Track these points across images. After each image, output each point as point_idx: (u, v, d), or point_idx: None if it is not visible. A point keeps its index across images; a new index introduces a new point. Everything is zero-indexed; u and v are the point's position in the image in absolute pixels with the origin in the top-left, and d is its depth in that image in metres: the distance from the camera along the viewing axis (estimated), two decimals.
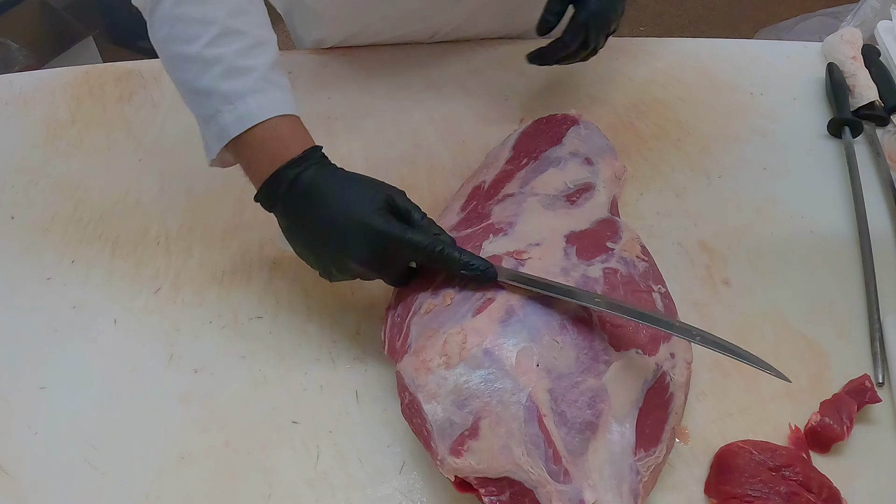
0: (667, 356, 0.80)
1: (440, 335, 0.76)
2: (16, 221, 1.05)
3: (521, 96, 1.24)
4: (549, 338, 0.75)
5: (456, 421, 0.72)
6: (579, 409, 0.73)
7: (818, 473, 0.79)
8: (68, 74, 1.28)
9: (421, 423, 0.75)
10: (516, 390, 0.72)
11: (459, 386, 0.72)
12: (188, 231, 1.04)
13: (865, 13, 1.61)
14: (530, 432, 0.71)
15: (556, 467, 0.71)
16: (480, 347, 0.73)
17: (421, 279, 0.85)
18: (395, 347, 0.82)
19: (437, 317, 0.79)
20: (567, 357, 0.75)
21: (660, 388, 0.78)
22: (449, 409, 0.72)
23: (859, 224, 1.06)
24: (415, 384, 0.74)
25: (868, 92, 1.22)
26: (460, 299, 0.79)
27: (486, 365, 0.73)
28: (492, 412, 0.71)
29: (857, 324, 0.96)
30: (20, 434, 0.85)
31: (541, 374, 0.73)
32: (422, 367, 0.74)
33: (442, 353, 0.74)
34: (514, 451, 0.70)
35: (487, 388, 0.72)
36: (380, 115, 1.21)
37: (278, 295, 0.97)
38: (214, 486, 0.81)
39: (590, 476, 0.72)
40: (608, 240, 0.88)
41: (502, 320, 0.76)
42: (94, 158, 1.14)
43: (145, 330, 0.94)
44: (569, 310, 0.78)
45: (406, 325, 0.81)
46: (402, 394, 0.77)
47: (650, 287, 0.84)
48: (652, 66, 1.32)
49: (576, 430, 0.73)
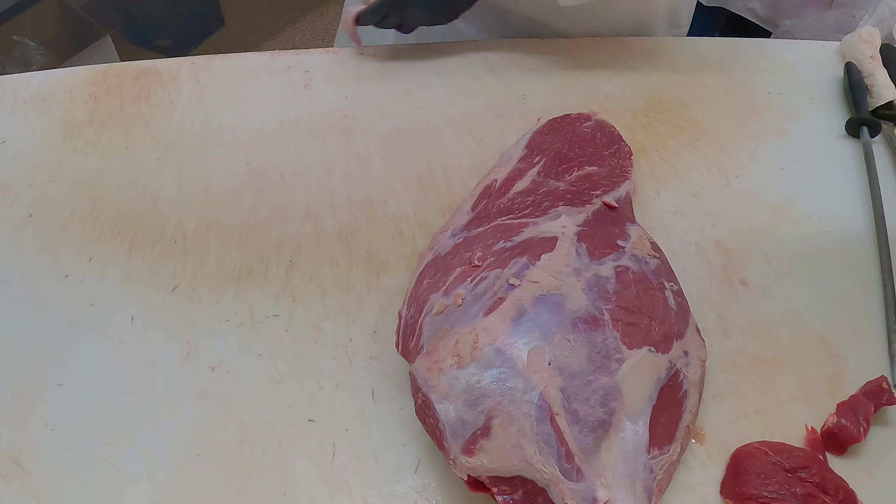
0: (680, 354, 0.80)
1: (452, 335, 0.76)
2: (34, 219, 1.06)
3: (539, 95, 1.24)
4: (560, 336, 0.75)
5: (468, 420, 0.72)
6: (592, 407, 0.73)
7: (834, 475, 0.79)
8: (86, 73, 1.28)
9: (434, 423, 0.75)
10: (528, 389, 0.72)
11: (471, 385, 0.72)
12: (205, 229, 1.05)
13: (883, 12, 1.60)
14: (542, 431, 0.71)
15: (568, 466, 0.70)
16: (492, 347, 0.73)
17: (432, 279, 0.85)
18: (408, 348, 0.82)
19: (448, 317, 0.79)
20: (579, 355, 0.75)
21: (673, 385, 0.78)
22: (461, 408, 0.72)
23: (877, 224, 1.05)
24: (427, 384, 0.74)
25: (886, 91, 1.21)
26: (471, 299, 0.79)
27: (498, 364, 0.73)
28: (504, 411, 0.71)
29: (875, 325, 0.95)
30: (37, 430, 0.85)
31: (553, 373, 0.73)
32: (434, 367, 0.74)
33: (454, 354, 0.74)
34: (527, 450, 0.70)
35: (499, 387, 0.72)
36: (396, 114, 1.21)
37: (295, 293, 0.97)
38: (230, 483, 0.81)
39: (603, 474, 0.72)
40: (618, 238, 0.88)
41: (514, 319, 0.76)
42: (112, 157, 1.15)
43: (162, 328, 0.94)
44: (581, 308, 0.78)
45: (418, 326, 0.82)
46: (416, 394, 0.77)
47: (662, 284, 0.84)
48: (669, 66, 1.31)
49: (588, 428, 0.73)
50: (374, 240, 1.02)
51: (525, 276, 0.80)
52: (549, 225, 0.88)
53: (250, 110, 1.22)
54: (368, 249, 1.01)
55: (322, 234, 1.03)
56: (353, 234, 1.03)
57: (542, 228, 0.88)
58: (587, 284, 0.80)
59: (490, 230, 0.89)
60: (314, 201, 1.08)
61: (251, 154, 1.15)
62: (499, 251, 0.85)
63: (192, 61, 1.31)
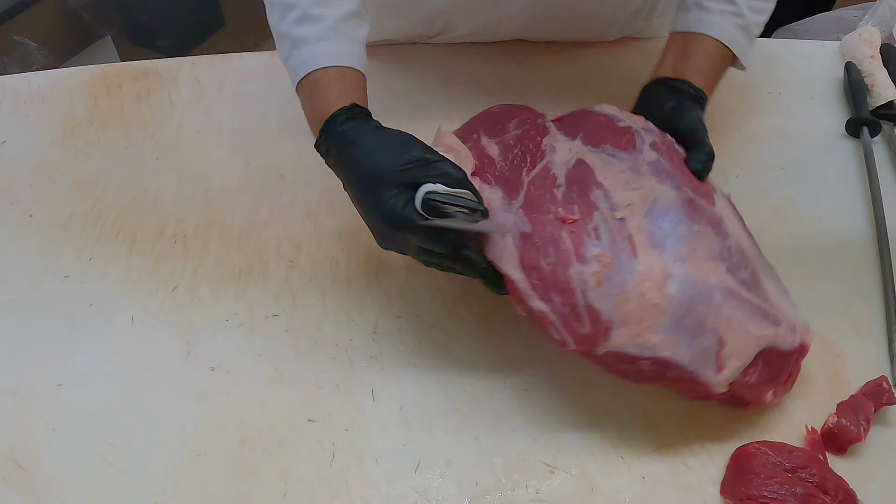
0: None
1: (633, 293, 0.79)
2: (34, 219, 1.06)
3: (540, 96, 1.24)
4: (689, 231, 0.83)
5: (705, 346, 0.79)
6: (744, 268, 0.84)
7: (834, 475, 0.79)
8: (86, 73, 1.28)
9: (678, 372, 0.79)
10: (715, 291, 0.80)
11: (681, 319, 0.78)
12: (205, 229, 1.05)
13: (884, 12, 1.60)
14: (745, 309, 0.81)
15: (776, 315, 0.83)
16: (672, 280, 0.79)
17: (547, 259, 0.82)
18: (580, 334, 0.80)
19: (611, 280, 0.80)
20: (707, 234, 0.84)
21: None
22: (691, 343, 0.78)
23: (877, 224, 1.05)
24: (647, 348, 0.78)
25: (886, 91, 1.21)
26: (611, 252, 0.81)
27: (684, 288, 0.79)
28: (719, 317, 0.79)
29: (875, 325, 0.96)
30: (37, 430, 0.85)
31: (715, 263, 0.82)
32: (640, 329, 0.78)
33: (651, 306, 0.78)
34: (751, 330, 0.80)
35: (700, 304, 0.79)
36: (397, 115, 1.20)
37: (295, 293, 0.97)
38: (230, 483, 0.81)
39: (782, 307, 0.85)
40: (608, 121, 0.97)
41: (657, 245, 0.82)
42: (112, 157, 1.15)
43: (162, 328, 0.94)
44: (673, 199, 0.85)
45: (585, 308, 0.80)
46: (636, 364, 0.79)
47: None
48: None
49: (755, 288, 0.84)
50: (374, 240, 1.02)
51: (616, 204, 0.85)
52: (559, 154, 0.92)
53: (250, 110, 1.22)
54: (368, 249, 1.01)
55: (322, 234, 1.03)
56: (353, 234, 1.03)
57: (558, 158, 0.91)
58: (655, 177, 0.87)
59: (530, 190, 0.89)
60: (314, 201, 1.08)
61: (251, 154, 1.15)
62: (565, 197, 0.87)
63: (192, 61, 1.31)
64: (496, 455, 0.84)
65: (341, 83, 0.88)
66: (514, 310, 0.83)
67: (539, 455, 0.84)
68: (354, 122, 0.86)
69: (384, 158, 0.82)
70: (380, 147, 0.83)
